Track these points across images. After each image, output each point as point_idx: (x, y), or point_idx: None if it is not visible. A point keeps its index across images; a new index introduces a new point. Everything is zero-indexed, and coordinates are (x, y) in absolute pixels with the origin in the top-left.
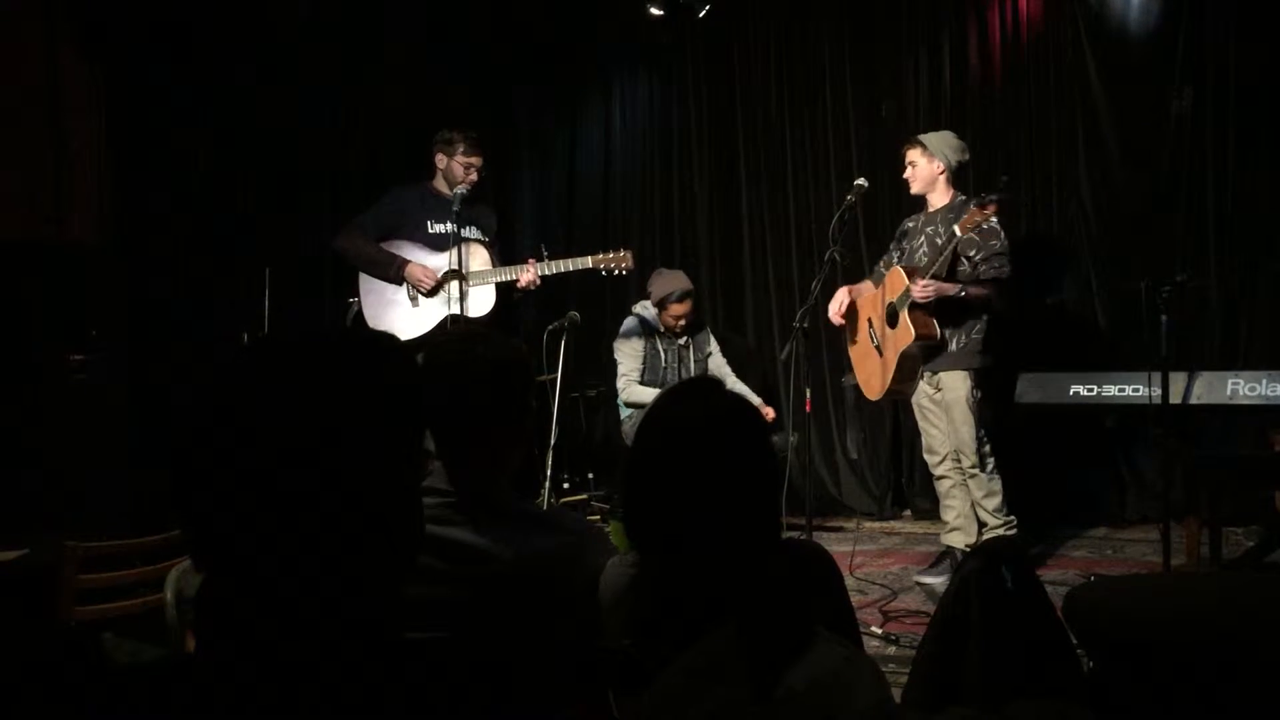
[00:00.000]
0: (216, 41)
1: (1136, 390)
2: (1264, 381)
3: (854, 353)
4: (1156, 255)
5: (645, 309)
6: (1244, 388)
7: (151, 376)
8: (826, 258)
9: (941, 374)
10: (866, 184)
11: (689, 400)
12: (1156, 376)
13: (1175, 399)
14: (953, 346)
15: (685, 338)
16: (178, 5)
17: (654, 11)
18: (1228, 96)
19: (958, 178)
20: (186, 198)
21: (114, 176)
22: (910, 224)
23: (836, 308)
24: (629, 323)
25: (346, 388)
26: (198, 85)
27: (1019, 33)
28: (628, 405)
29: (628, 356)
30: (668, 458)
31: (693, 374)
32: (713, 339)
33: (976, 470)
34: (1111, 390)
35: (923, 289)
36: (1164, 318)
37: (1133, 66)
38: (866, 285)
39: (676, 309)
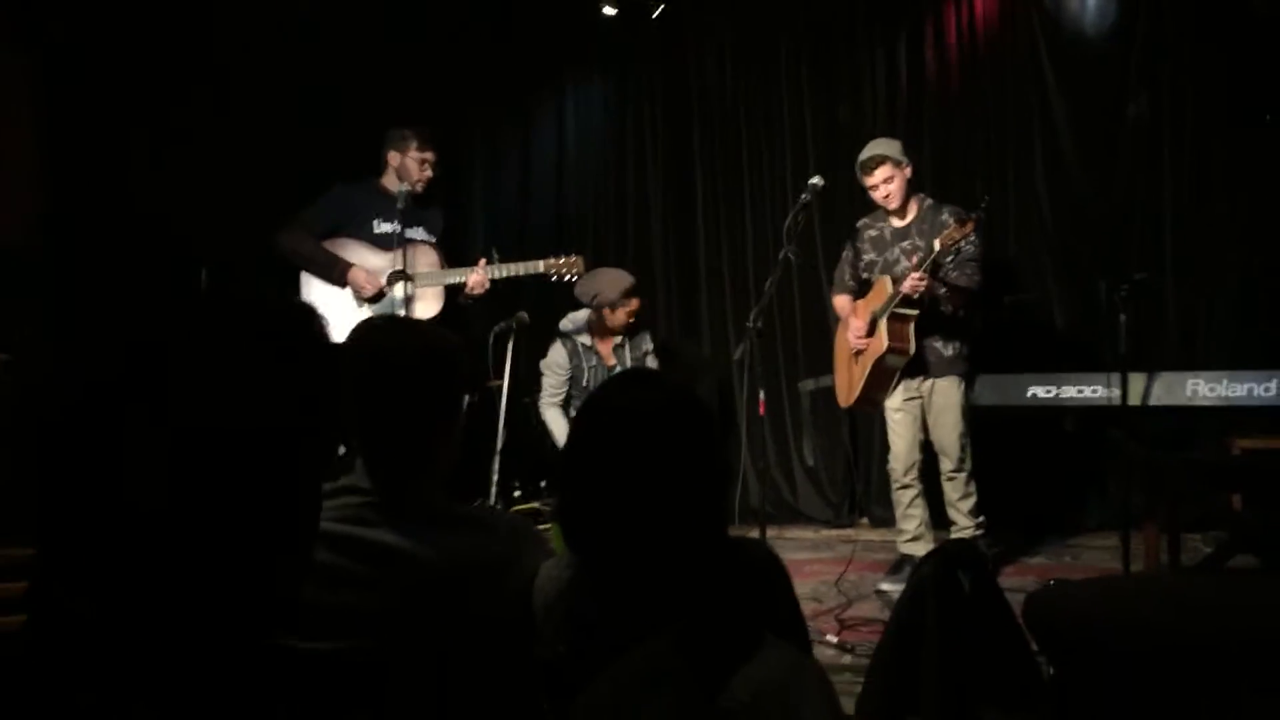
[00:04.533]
0: (154, 37)
1: (1095, 391)
2: (1224, 382)
3: (836, 359)
4: (1114, 256)
5: (571, 322)
6: (1204, 388)
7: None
8: (781, 257)
9: (935, 380)
10: (822, 182)
11: (627, 390)
12: (1116, 377)
13: (1135, 400)
14: (947, 353)
15: (621, 337)
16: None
17: (607, 11)
18: (1184, 98)
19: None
20: (119, 198)
21: (45, 176)
22: (873, 231)
23: (857, 332)
24: (553, 350)
25: (245, 344)
26: (134, 82)
27: (975, 34)
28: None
29: (549, 375)
30: (603, 450)
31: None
32: (649, 338)
33: (957, 474)
34: (1070, 391)
35: (913, 281)
36: (1122, 317)
37: (1089, 68)
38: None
39: (630, 305)
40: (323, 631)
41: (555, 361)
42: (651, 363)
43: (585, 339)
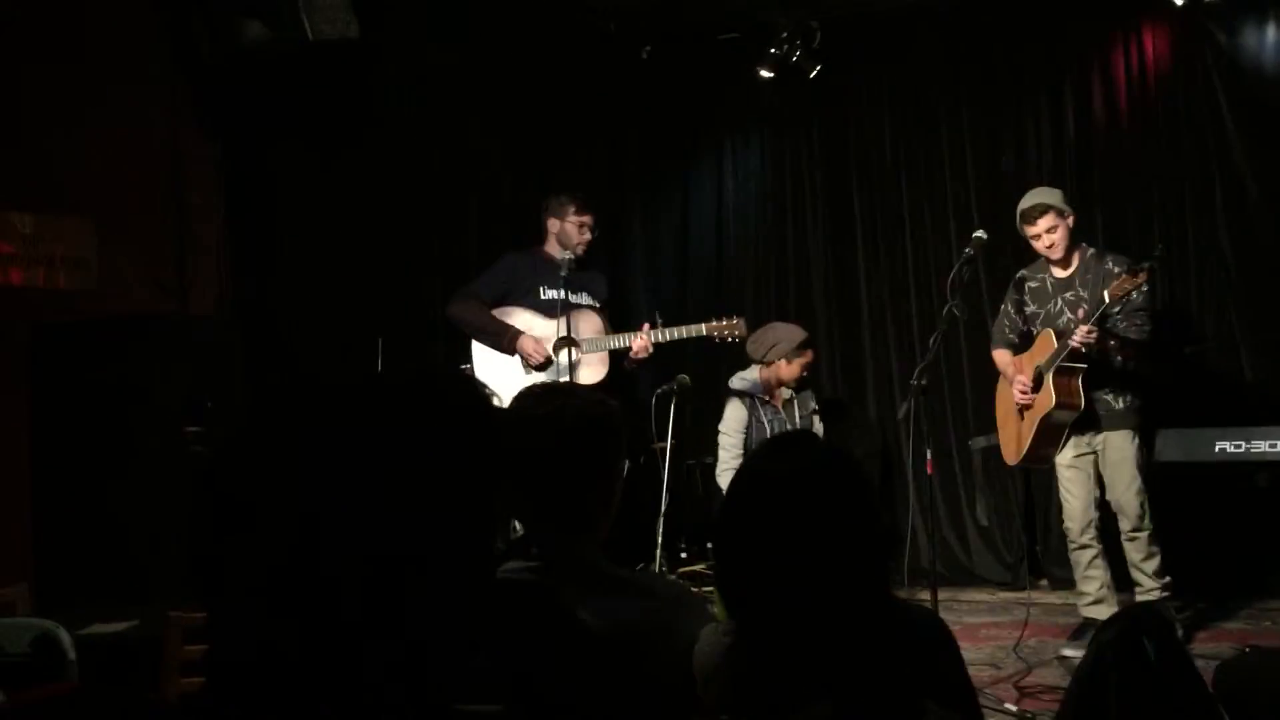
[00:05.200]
0: (329, 121)
1: None
2: None
3: (999, 415)
4: None
5: (742, 380)
6: None
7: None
8: (945, 312)
9: (1107, 434)
10: (986, 236)
11: (781, 455)
12: None
13: None
14: (1119, 406)
15: (788, 393)
16: (292, 88)
17: (764, 74)
18: None
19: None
20: (301, 271)
21: (232, 252)
22: (1034, 283)
23: (1023, 387)
24: (729, 406)
25: (420, 428)
26: (311, 163)
27: (1145, 75)
28: None
29: (729, 436)
30: (758, 517)
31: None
32: (813, 398)
33: (1138, 534)
34: (1262, 446)
35: (1084, 333)
36: None
37: (1270, 107)
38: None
39: (805, 357)
40: (488, 695)
41: (733, 418)
42: (817, 422)
43: (760, 395)
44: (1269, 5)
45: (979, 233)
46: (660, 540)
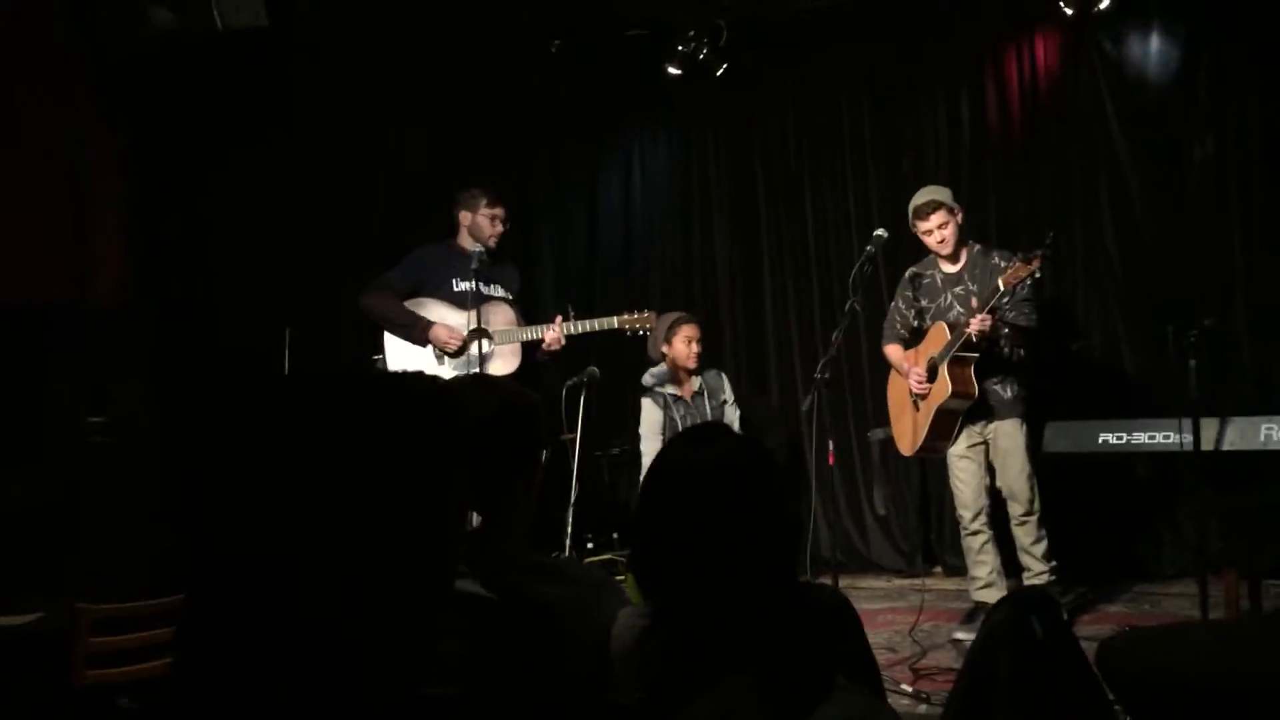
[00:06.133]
0: (239, 110)
1: (1167, 437)
2: None
3: (892, 407)
4: (1184, 299)
5: (652, 375)
6: (1277, 433)
7: (174, 437)
8: (847, 308)
9: (996, 423)
10: (886, 234)
11: (692, 446)
12: (1187, 423)
13: (1208, 445)
14: (1007, 395)
15: (698, 382)
16: (199, 72)
17: (672, 71)
18: (1249, 140)
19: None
20: (207, 260)
21: (136, 239)
22: (925, 278)
23: (919, 378)
24: (645, 407)
25: (391, 427)
26: (222, 152)
27: (1037, 81)
28: None
29: (649, 440)
30: (673, 505)
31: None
32: (727, 385)
33: (1028, 518)
34: (1141, 437)
35: (979, 321)
36: (1192, 362)
37: (1153, 112)
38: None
39: (684, 331)
40: (441, 679)
41: (650, 420)
42: (732, 411)
43: (671, 390)
44: (1153, 17)
45: (879, 231)
46: (570, 530)
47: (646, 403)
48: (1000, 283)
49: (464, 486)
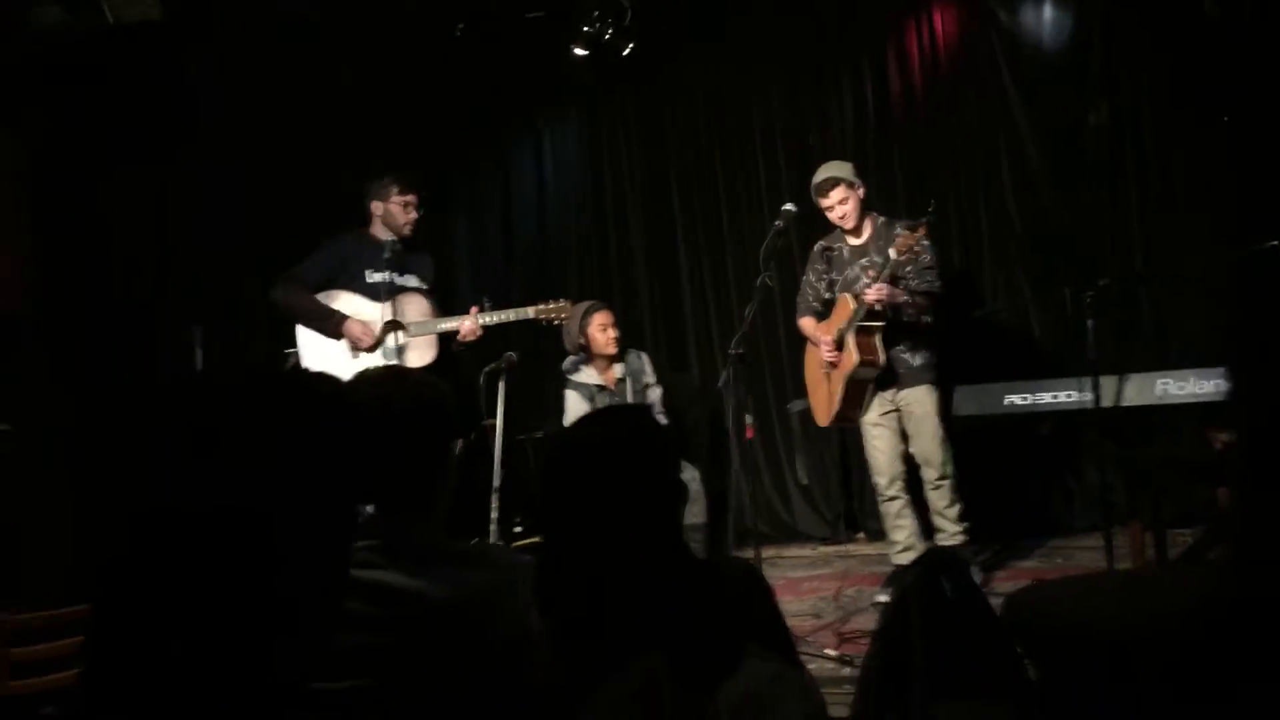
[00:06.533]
0: (138, 108)
1: (1070, 396)
2: (1191, 379)
3: (808, 380)
4: (1085, 263)
5: (571, 364)
6: (1173, 386)
7: (81, 443)
8: (759, 283)
9: (906, 390)
10: (795, 208)
11: (585, 425)
12: (1088, 382)
13: (1108, 403)
14: (915, 362)
15: (621, 369)
16: (93, 70)
17: (578, 52)
18: (1143, 105)
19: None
20: (110, 261)
21: (34, 242)
22: (834, 251)
23: (828, 347)
24: (569, 399)
25: (281, 432)
26: (118, 146)
27: (936, 54)
28: None
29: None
30: (564, 478)
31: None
32: (648, 365)
33: (942, 482)
34: (1046, 398)
35: (876, 291)
36: (1090, 323)
37: (1049, 81)
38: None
39: (597, 319)
40: (336, 673)
41: (575, 414)
42: (655, 392)
43: (594, 379)
44: None
45: (788, 206)
46: (495, 515)
47: (571, 394)
48: (892, 252)
49: (364, 481)
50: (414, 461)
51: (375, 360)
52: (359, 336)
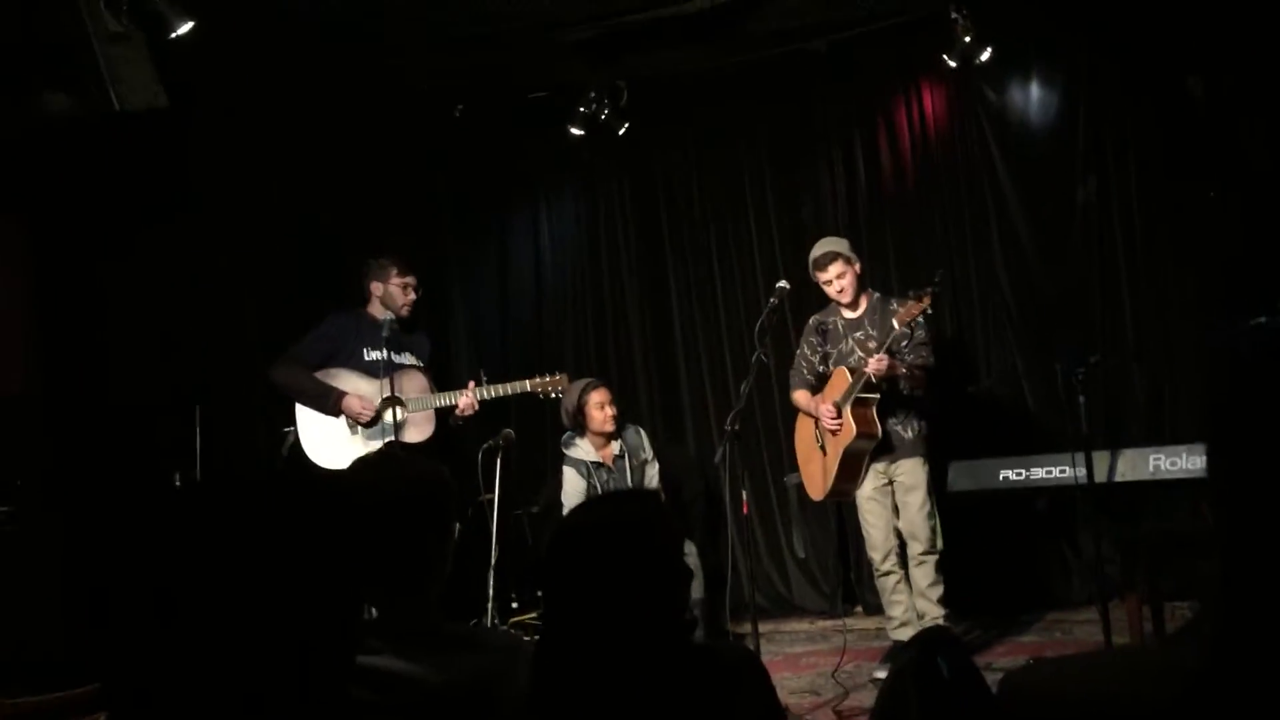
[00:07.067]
0: (142, 191)
1: (1064, 471)
2: (1184, 455)
3: (800, 454)
4: (1076, 337)
5: (567, 442)
6: (1165, 462)
7: (83, 525)
8: (754, 359)
9: (900, 462)
10: (788, 285)
11: (590, 508)
12: (1081, 457)
13: (1102, 478)
14: (907, 435)
15: (619, 445)
16: (97, 155)
17: (575, 132)
18: (1130, 180)
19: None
20: (111, 343)
21: (37, 324)
22: (829, 325)
23: (830, 414)
24: (567, 476)
25: (280, 537)
26: (121, 228)
27: (926, 130)
28: None
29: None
30: (568, 560)
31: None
32: (646, 440)
33: (927, 557)
34: (1040, 473)
35: (878, 361)
36: (1081, 398)
37: (1037, 156)
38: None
39: (595, 397)
40: None
41: (573, 491)
42: (652, 467)
43: (592, 456)
44: (1031, 65)
45: (782, 283)
46: (492, 591)
47: (569, 472)
48: (895, 322)
49: (360, 572)
50: (414, 547)
51: (374, 435)
52: (358, 411)
